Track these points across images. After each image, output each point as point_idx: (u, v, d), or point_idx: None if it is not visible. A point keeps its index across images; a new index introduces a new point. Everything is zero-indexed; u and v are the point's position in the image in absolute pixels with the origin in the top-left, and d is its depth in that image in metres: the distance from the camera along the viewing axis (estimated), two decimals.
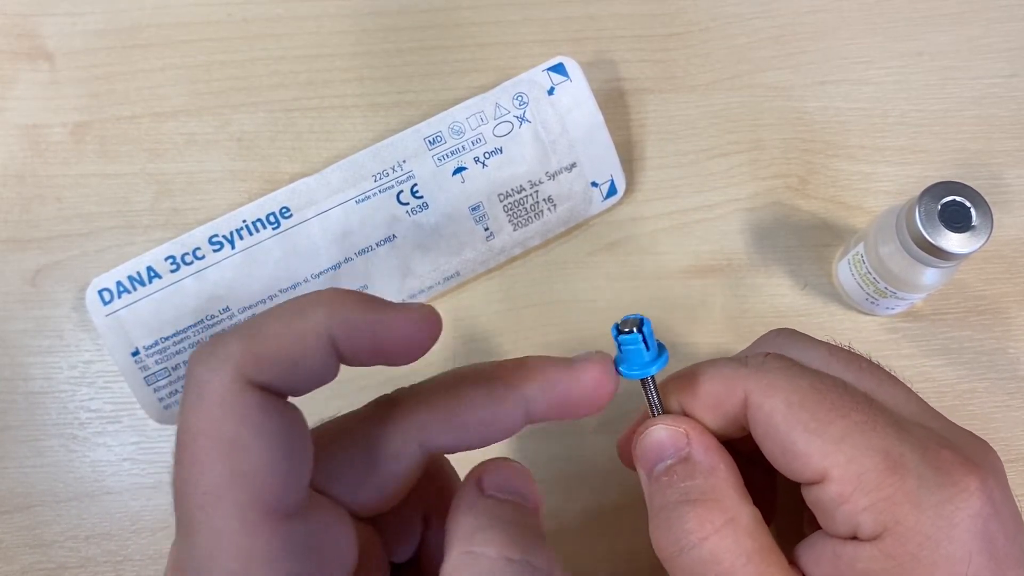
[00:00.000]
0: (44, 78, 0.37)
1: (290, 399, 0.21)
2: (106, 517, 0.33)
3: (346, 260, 0.34)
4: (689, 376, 0.26)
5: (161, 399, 0.33)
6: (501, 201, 0.34)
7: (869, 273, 0.33)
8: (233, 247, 0.33)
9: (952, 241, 0.29)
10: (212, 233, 0.33)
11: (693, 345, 0.35)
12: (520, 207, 0.34)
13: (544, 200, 0.35)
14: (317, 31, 0.38)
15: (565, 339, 0.35)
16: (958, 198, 0.29)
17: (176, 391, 0.33)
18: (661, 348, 0.25)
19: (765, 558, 0.22)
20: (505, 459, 0.24)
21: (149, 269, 0.33)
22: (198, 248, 0.33)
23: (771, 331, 0.28)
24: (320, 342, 0.20)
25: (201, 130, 0.37)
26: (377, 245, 0.34)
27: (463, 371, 0.24)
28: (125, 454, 0.34)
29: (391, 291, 0.34)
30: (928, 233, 0.29)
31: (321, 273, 0.34)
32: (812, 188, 0.37)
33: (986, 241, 0.29)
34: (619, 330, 0.25)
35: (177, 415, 0.20)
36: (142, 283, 0.33)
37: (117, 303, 0.32)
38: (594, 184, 0.35)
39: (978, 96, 0.38)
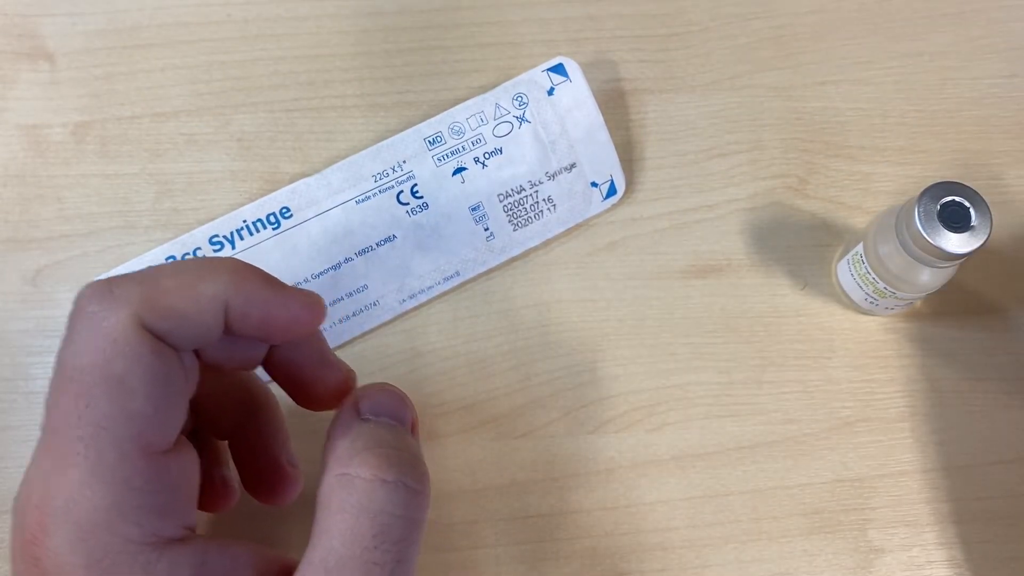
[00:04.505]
0: (44, 78, 0.37)
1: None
2: None
3: (346, 260, 0.34)
4: None
5: None
6: (501, 201, 0.34)
7: (868, 273, 0.33)
8: (233, 247, 0.33)
9: (951, 241, 0.29)
10: (213, 233, 0.33)
11: (692, 346, 0.35)
12: (520, 207, 0.35)
13: (544, 200, 0.35)
14: (317, 31, 0.38)
15: (565, 339, 0.35)
16: (957, 198, 0.29)
17: None
18: None
19: None
20: (382, 384, 0.25)
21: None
22: (199, 248, 0.33)
23: None
24: (215, 305, 0.22)
25: (201, 130, 0.37)
26: (377, 245, 0.34)
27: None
28: None
29: (391, 290, 0.34)
30: (927, 233, 0.29)
31: (321, 273, 0.34)
32: (812, 188, 0.37)
33: (985, 241, 0.29)
34: None
35: (59, 348, 0.21)
36: None
37: None
38: (594, 184, 0.35)
39: (978, 96, 0.38)
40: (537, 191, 0.35)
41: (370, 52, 0.38)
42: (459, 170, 0.34)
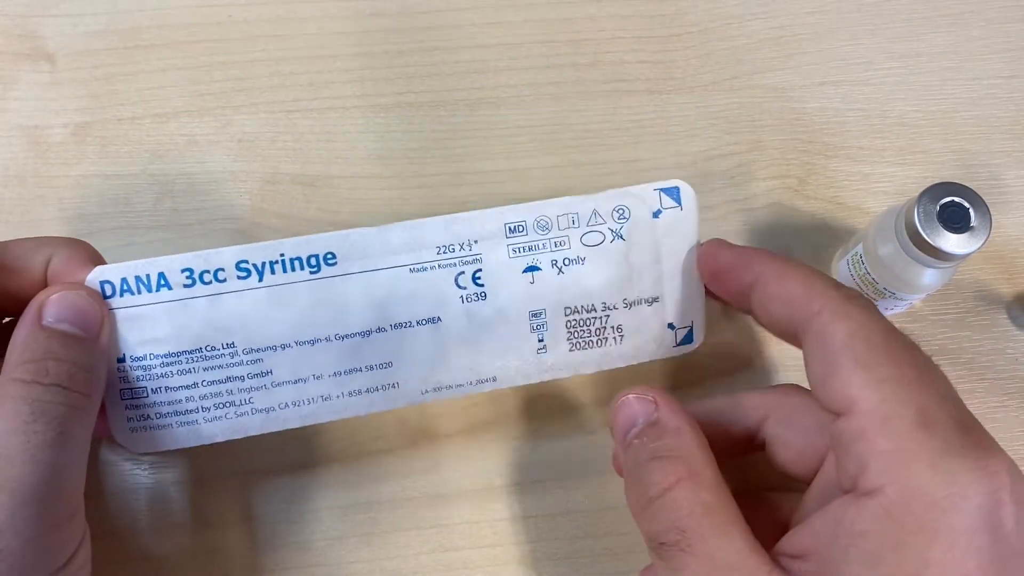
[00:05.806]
0: (45, 79, 0.37)
1: None
2: (106, 517, 0.33)
3: (378, 329, 0.30)
4: (779, 269, 0.27)
5: (129, 419, 0.29)
6: (566, 315, 0.30)
7: (868, 274, 0.33)
8: (261, 279, 0.29)
9: (951, 242, 0.29)
10: (243, 258, 0.29)
11: None
12: (584, 328, 0.31)
13: (612, 328, 0.31)
14: (318, 32, 0.38)
15: None
16: (957, 199, 0.29)
17: (148, 416, 0.29)
18: None
19: (724, 512, 0.24)
20: (72, 285, 0.27)
21: (161, 276, 0.28)
22: (221, 269, 0.29)
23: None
24: None
25: (202, 131, 0.37)
26: (418, 323, 0.30)
27: None
28: (126, 454, 0.34)
29: (416, 377, 0.30)
30: (927, 234, 0.29)
31: (347, 336, 0.29)
32: (811, 189, 0.37)
33: (985, 242, 0.29)
34: None
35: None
36: (148, 288, 0.28)
37: (116, 300, 0.28)
38: (671, 327, 0.31)
39: (977, 97, 0.38)
40: (608, 315, 0.31)
41: (371, 53, 0.38)
42: (531, 268, 0.30)
